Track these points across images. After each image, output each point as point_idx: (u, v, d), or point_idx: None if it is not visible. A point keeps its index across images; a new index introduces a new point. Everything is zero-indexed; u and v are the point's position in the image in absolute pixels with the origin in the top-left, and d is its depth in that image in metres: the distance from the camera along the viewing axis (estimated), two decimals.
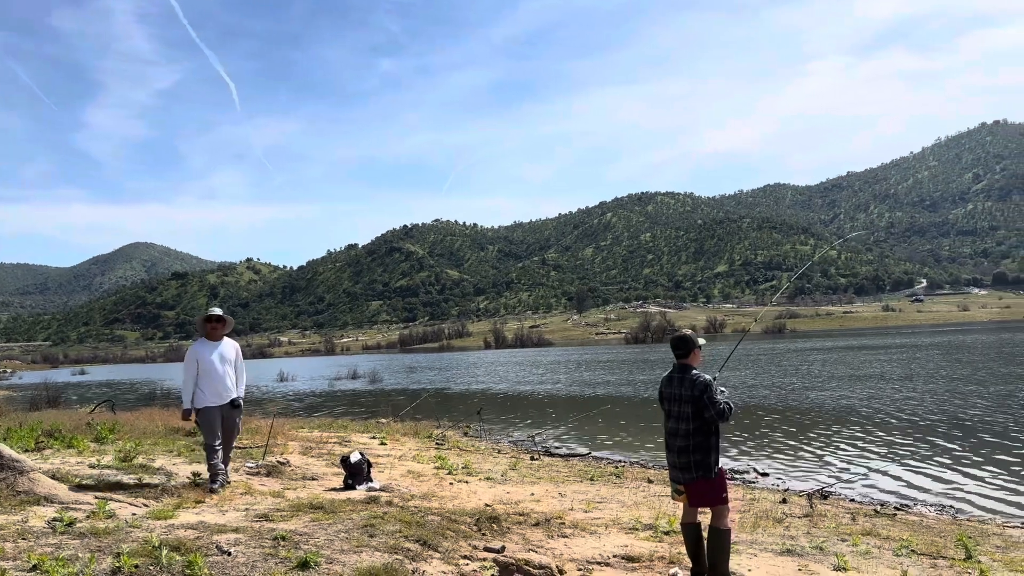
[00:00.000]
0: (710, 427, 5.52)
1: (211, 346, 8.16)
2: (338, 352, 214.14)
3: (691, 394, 5.51)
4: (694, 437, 5.51)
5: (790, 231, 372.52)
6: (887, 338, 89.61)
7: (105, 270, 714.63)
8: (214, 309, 8.35)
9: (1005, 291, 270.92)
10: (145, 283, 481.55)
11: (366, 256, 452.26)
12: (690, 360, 5.73)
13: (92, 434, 12.56)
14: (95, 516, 6.22)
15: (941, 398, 23.65)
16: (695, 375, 5.59)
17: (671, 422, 5.69)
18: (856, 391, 27.41)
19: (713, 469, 5.50)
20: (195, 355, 8.07)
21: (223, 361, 8.13)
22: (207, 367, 8.01)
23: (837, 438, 17.03)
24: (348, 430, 18.00)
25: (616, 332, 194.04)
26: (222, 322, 8.32)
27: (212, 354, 8.08)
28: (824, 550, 6.79)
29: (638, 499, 9.56)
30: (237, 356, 8.39)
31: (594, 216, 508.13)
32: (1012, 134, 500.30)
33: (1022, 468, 12.71)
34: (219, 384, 8.04)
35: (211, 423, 7.94)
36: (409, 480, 10.45)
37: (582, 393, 34.05)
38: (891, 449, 15.27)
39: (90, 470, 8.98)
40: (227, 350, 8.26)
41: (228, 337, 8.46)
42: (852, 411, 21.70)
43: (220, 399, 8.06)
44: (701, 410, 5.47)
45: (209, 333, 8.22)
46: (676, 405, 5.62)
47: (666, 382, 5.81)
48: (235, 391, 8.23)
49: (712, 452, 5.52)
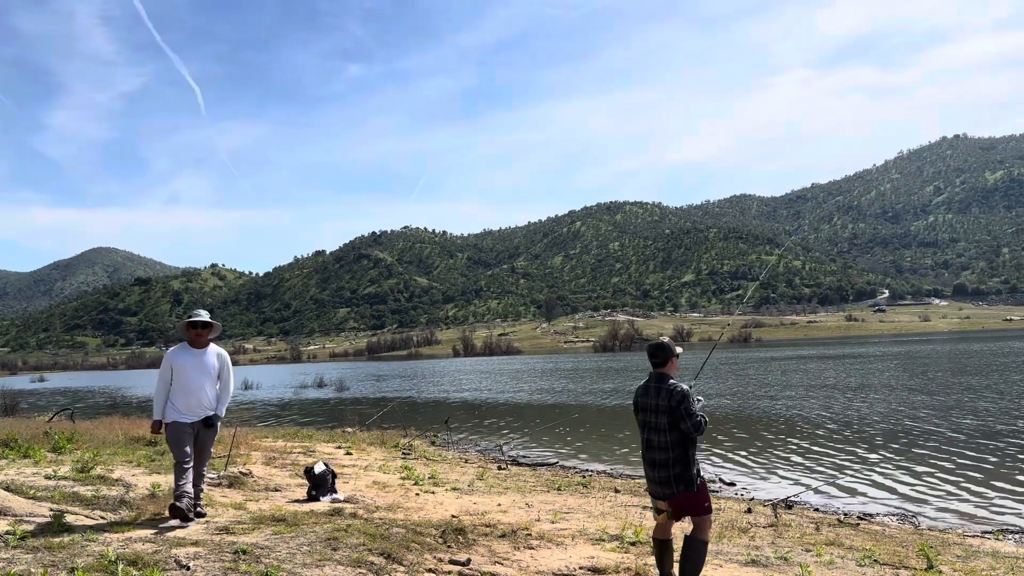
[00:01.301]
0: (687, 439, 5.30)
1: (192, 354, 7.13)
2: (304, 360, 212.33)
3: (667, 404, 5.28)
4: (673, 450, 5.29)
5: (756, 241, 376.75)
6: (850, 348, 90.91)
7: (66, 275, 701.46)
8: (199, 313, 7.22)
9: (965, 302, 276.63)
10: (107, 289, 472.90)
11: (334, 263, 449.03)
12: (667, 369, 5.50)
13: (49, 444, 12.28)
14: (50, 529, 6.05)
15: (901, 408, 24.01)
16: (672, 385, 5.36)
17: (648, 434, 5.47)
18: (819, 401, 27.73)
19: (695, 482, 5.30)
20: (170, 362, 7.09)
21: (203, 372, 7.10)
22: (183, 377, 7.02)
23: (801, 448, 17.20)
24: (313, 439, 17.80)
25: (584, 340, 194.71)
26: (208, 327, 7.22)
27: (191, 363, 7.05)
28: (788, 560, 6.82)
29: (605, 509, 9.55)
30: (223, 367, 7.30)
31: (563, 224, 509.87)
32: (972, 148, 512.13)
33: (982, 478, 12.92)
34: (193, 398, 7.02)
35: (179, 440, 6.96)
36: (375, 491, 10.34)
37: (550, 402, 34.06)
38: (854, 459, 15.45)
39: (46, 481, 8.77)
40: (210, 360, 7.20)
41: (215, 344, 7.38)
42: (816, 421, 21.94)
43: (193, 415, 7.02)
44: (677, 421, 5.25)
45: (192, 339, 7.18)
46: (653, 416, 5.39)
47: (642, 392, 5.56)
48: (213, 407, 7.16)
49: (693, 464, 5.32)
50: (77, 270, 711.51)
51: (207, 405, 7.10)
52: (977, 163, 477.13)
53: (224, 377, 7.29)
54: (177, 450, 6.99)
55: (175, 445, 6.95)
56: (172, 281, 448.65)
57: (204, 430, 7.12)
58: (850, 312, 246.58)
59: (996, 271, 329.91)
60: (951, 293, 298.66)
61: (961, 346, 78.13)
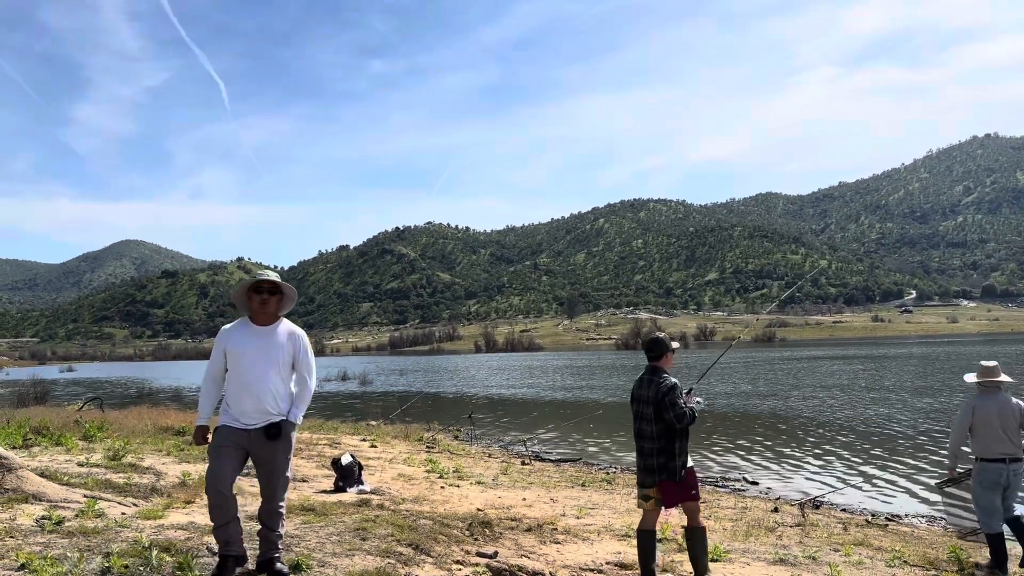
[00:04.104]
0: (674, 430, 5.44)
1: (254, 333, 4.85)
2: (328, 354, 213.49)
3: (654, 396, 5.46)
4: (659, 440, 5.46)
5: (781, 240, 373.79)
6: (877, 348, 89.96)
7: (95, 267, 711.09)
8: (266, 273, 4.92)
9: (993, 303, 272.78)
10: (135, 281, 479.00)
11: (357, 257, 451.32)
12: (661, 363, 5.66)
13: (80, 432, 12.49)
14: (84, 515, 6.15)
15: (930, 410, 23.72)
16: (663, 378, 5.53)
17: (638, 424, 5.67)
18: (846, 401, 27.48)
19: (679, 473, 5.44)
20: (223, 344, 4.86)
21: (269, 359, 4.81)
22: (240, 366, 4.78)
23: (827, 447, 17.06)
24: (338, 432, 17.93)
25: (607, 338, 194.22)
26: (276, 294, 4.90)
27: (253, 346, 4.80)
28: (817, 560, 6.78)
29: (630, 506, 9.53)
30: (300, 352, 4.97)
31: (586, 221, 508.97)
32: (1003, 148, 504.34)
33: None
34: (254, 396, 4.75)
35: (218, 454, 4.71)
36: (400, 483, 10.39)
37: (573, 398, 34.03)
38: (882, 459, 15.30)
39: (79, 468, 8.92)
40: (279, 341, 4.88)
41: (288, 320, 5.09)
42: (842, 421, 21.74)
43: (251, 420, 4.76)
44: (662, 412, 5.41)
45: (255, 312, 4.88)
46: (643, 406, 5.58)
47: (637, 384, 5.75)
48: (282, 410, 4.86)
49: (677, 456, 5.46)
50: (105, 262, 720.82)
51: (273, 407, 4.80)
52: (1008, 163, 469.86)
53: (302, 367, 4.99)
54: (216, 462, 4.68)
55: (216, 454, 4.71)
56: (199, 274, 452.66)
57: (265, 443, 4.78)
58: (876, 312, 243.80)
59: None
60: (980, 294, 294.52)
61: (991, 348, 77.02)
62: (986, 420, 6.63)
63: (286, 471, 4.93)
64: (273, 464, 4.85)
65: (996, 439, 6.55)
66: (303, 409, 5.01)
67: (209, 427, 4.85)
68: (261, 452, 4.81)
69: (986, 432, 6.64)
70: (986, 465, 6.63)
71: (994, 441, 6.56)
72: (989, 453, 6.59)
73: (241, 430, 4.76)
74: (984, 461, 6.66)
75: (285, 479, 4.95)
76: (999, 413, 6.57)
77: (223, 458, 4.70)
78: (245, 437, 4.76)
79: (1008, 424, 6.54)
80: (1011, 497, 6.75)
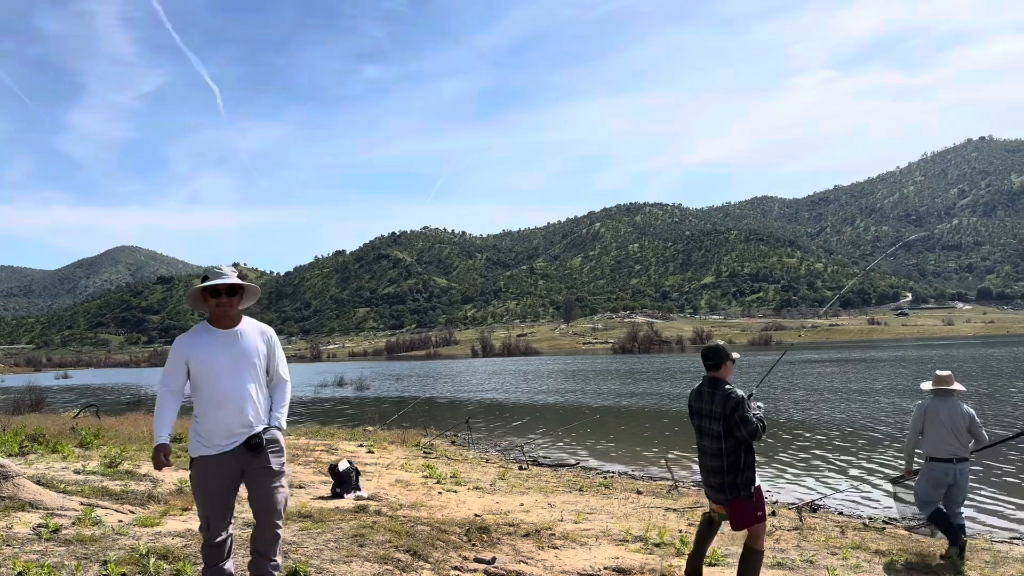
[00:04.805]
0: (742, 445, 5.15)
1: (217, 338, 4.21)
2: (324, 359, 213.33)
3: (721, 411, 5.12)
4: (727, 457, 5.15)
5: (777, 244, 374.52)
6: (873, 351, 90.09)
7: (90, 273, 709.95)
8: (218, 270, 4.25)
9: (989, 306, 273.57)
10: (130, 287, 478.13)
11: (354, 262, 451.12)
12: (721, 373, 5.32)
13: (77, 439, 12.46)
14: (81, 523, 6.14)
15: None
16: (728, 390, 5.17)
17: (703, 439, 5.33)
18: (841, 404, 27.51)
19: (749, 488, 5.15)
20: (184, 354, 4.19)
21: (240, 365, 4.20)
22: (208, 379, 4.15)
23: (823, 451, 17.07)
24: (335, 438, 17.90)
25: (603, 342, 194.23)
26: (235, 294, 4.27)
27: (219, 353, 4.17)
28: (815, 564, 6.78)
29: (628, 510, 9.53)
30: (270, 350, 4.42)
31: (582, 226, 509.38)
32: (998, 150, 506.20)
33: (1010, 483, 12.77)
34: (231, 410, 4.12)
35: (209, 491, 4.11)
36: (397, 489, 10.38)
37: (570, 403, 34.02)
38: (879, 462, 15.32)
39: (75, 476, 8.90)
40: (250, 344, 4.28)
41: (252, 320, 4.45)
42: (838, 424, 21.77)
43: (229, 438, 4.11)
44: (732, 429, 5.08)
45: (214, 315, 4.26)
46: (707, 421, 5.24)
47: (695, 396, 5.40)
48: (261, 420, 4.23)
49: (745, 471, 5.15)
50: (101, 268, 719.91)
51: (256, 419, 4.19)
52: (1003, 165, 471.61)
53: (278, 367, 4.47)
54: (206, 506, 4.10)
55: (204, 499, 4.11)
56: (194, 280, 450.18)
57: (252, 458, 4.14)
58: (872, 315, 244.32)
59: (1021, 275, 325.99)
60: (975, 297, 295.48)
61: (986, 350, 77.20)
62: (936, 423, 7.08)
63: (282, 484, 4.25)
64: (266, 478, 4.17)
65: (945, 440, 6.99)
66: (286, 411, 4.41)
67: (170, 446, 4.17)
68: (250, 469, 4.14)
69: (936, 434, 7.08)
70: (935, 464, 7.05)
71: (943, 442, 6.99)
72: (938, 453, 7.03)
73: (224, 454, 4.08)
74: (933, 460, 7.08)
75: (283, 494, 4.25)
76: (949, 417, 7.00)
77: (216, 502, 4.05)
78: (230, 461, 4.09)
79: (957, 427, 6.98)
80: (959, 496, 7.14)
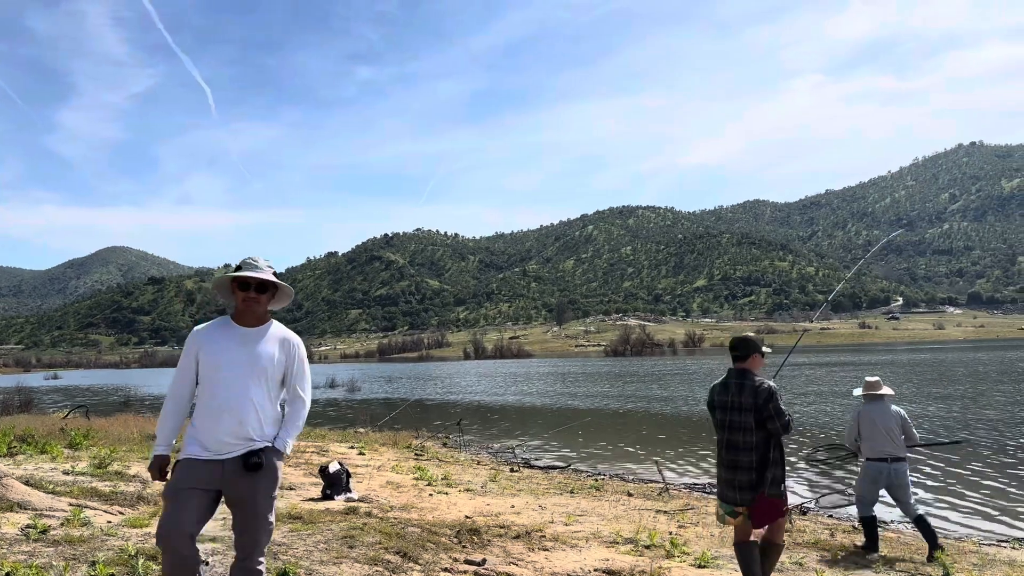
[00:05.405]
0: (771, 439, 4.97)
1: (237, 336, 3.70)
2: (315, 360, 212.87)
3: (753, 403, 4.92)
4: (756, 451, 4.94)
5: (769, 247, 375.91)
6: (863, 355, 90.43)
7: (80, 274, 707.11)
8: (255, 263, 3.77)
9: (979, 310, 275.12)
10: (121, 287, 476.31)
11: (346, 264, 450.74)
12: (748, 364, 5.11)
13: (66, 440, 12.42)
14: (69, 523, 6.12)
15: (916, 416, 23.87)
16: (759, 381, 4.99)
17: (728, 434, 5.07)
18: (830, 408, 27.60)
19: (778, 486, 4.97)
20: (198, 346, 3.71)
21: (255, 370, 3.65)
22: (216, 376, 3.63)
23: (811, 453, 17.11)
24: (326, 439, 17.88)
25: (596, 345, 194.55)
26: (266, 291, 3.78)
27: (234, 351, 3.65)
28: (803, 566, 6.81)
29: (618, 512, 9.55)
30: (292, 363, 3.80)
31: (575, 228, 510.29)
32: (988, 156, 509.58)
33: (997, 487, 12.84)
34: (231, 415, 3.58)
35: (178, 496, 3.46)
36: (388, 491, 10.38)
37: (561, 405, 34.04)
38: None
39: (64, 477, 8.86)
40: (268, 349, 3.72)
41: (280, 324, 3.92)
42: (827, 427, 21.84)
43: (224, 447, 3.57)
44: (765, 421, 4.91)
45: (240, 310, 3.75)
46: (735, 415, 5.01)
47: (720, 389, 5.15)
48: (267, 434, 3.67)
49: (774, 467, 4.96)
50: (91, 269, 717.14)
51: (257, 432, 3.63)
52: (993, 171, 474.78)
53: (297, 381, 3.83)
54: (172, 516, 3.43)
55: (170, 505, 3.48)
56: (186, 281, 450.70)
57: (243, 477, 3.56)
58: (863, 319, 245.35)
59: (1012, 280, 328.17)
60: (965, 301, 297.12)
61: (974, 355, 77.60)
62: (870, 426, 7.52)
63: (269, 514, 3.63)
64: (253, 506, 3.57)
65: (879, 442, 7.41)
66: (295, 434, 3.78)
67: (170, 458, 3.64)
68: (237, 489, 3.55)
69: (871, 436, 7.50)
70: (871, 463, 7.44)
71: (877, 443, 7.41)
72: (873, 453, 7.42)
73: (213, 462, 3.53)
74: (870, 460, 7.45)
75: (268, 526, 3.65)
76: (881, 419, 7.44)
77: (184, 503, 3.44)
78: (218, 471, 3.53)
79: (889, 429, 7.42)
80: (904, 496, 7.46)
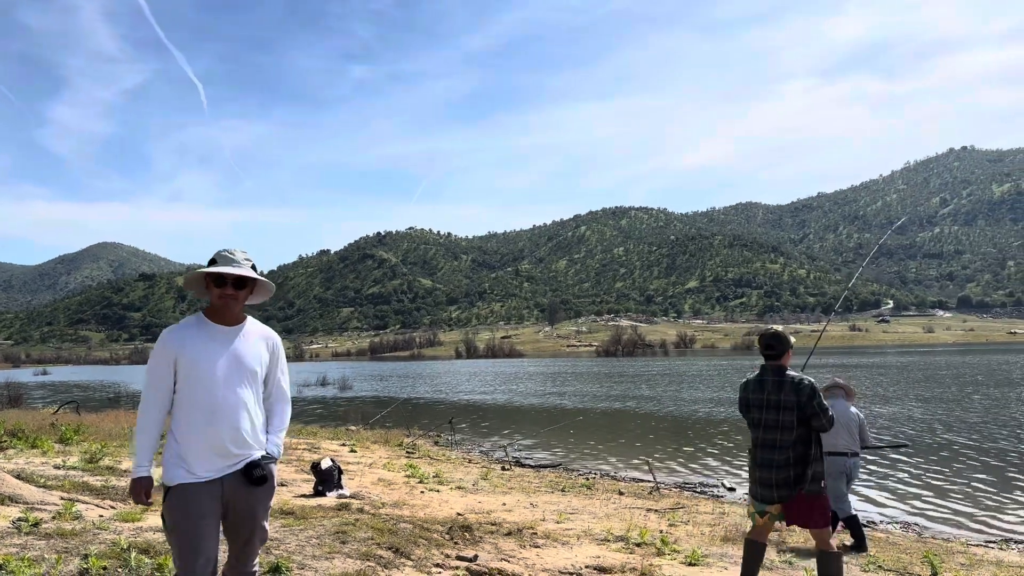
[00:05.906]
0: (810, 436, 4.87)
1: (217, 336, 3.30)
2: (307, 358, 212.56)
3: (795, 399, 4.81)
4: (795, 448, 4.83)
5: (760, 249, 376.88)
6: (853, 357, 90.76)
7: (71, 269, 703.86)
8: (232, 256, 3.32)
9: (969, 314, 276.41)
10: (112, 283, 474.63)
11: (338, 262, 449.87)
12: (783, 361, 5.01)
13: (57, 435, 12.38)
14: (62, 517, 6.12)
15: (907, 418, 24.00)
16: (798, 378, 4.89)
17: (765, 432, 4.94)
18: None
19: (819, 483, 4.86)
20: (174, 351, 3.26)
21: (243, 372, 3.30)
22: (199, 383, 3.23)
23: None
24: (317, 437, 17.88)
25: (587, 345, 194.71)
26: (244, 287, 3.34)
27: (217, 353, 3.26)
28: (793, 565, 6.85)
29: (609, 511, 9.58)
30: (273, 358, 3.47)
31: (568, 229, 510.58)
32: (979, 160, 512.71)
33: (986, 488, 12.93)
34: (222, 425, 3.20)
35: (189, 528, 3.14)
36: (380, 488, 10.39)
37: (553, 404, 34.08)
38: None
39: (55, 471, 8.85)
40: (252, 349, 3.36)
41: (256, 320, 3.48)
42: None
43: (219, 463, 3.21)
44: (809, 419, 4.83)
45: (217, 306, 3.33)
46: (772, 413, 4.89)
47: (755, 386, 5.03)
48: (259, 442, 3.34)
49: (814, 464, 4.85)
50: (82, 264, 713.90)
51: (253, 439, 3.30)
52: (984, 175, 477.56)
53: (281, 381, 3.53)
54: (187, 552, 3.14)
55: (184, 540, 3.15)
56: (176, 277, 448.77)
57: (246, 491, 3.25)
58: (854, 322, 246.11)
59: (1001, 284, 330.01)
60: (955, 305, 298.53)
61: (962, 358, 78.00)
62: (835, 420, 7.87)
63: (265, 521, 3.38)
64: (252, 519, 3.29)
65: (841, 437, 7.80)
66: (283, 435, 3.49)
67: (152, 479, 3.24)
68: (239, 505, 3.24)
69: (832, 431, 7.62)
70: (833, 458, 7.68)
71: (839, 438, 7.80)
72: (835, 448, 7.77)
73: (211, 483, 3.18)
74: (830, 455, 7.60)
75: (264, 533, 3.40)
76: (842, 416, 7.82)
77: (200, 544, 3.12)
78: (217, 492, 3.19)
79: (848, 426, 7.87)
80: (849, 486, 8.01)
